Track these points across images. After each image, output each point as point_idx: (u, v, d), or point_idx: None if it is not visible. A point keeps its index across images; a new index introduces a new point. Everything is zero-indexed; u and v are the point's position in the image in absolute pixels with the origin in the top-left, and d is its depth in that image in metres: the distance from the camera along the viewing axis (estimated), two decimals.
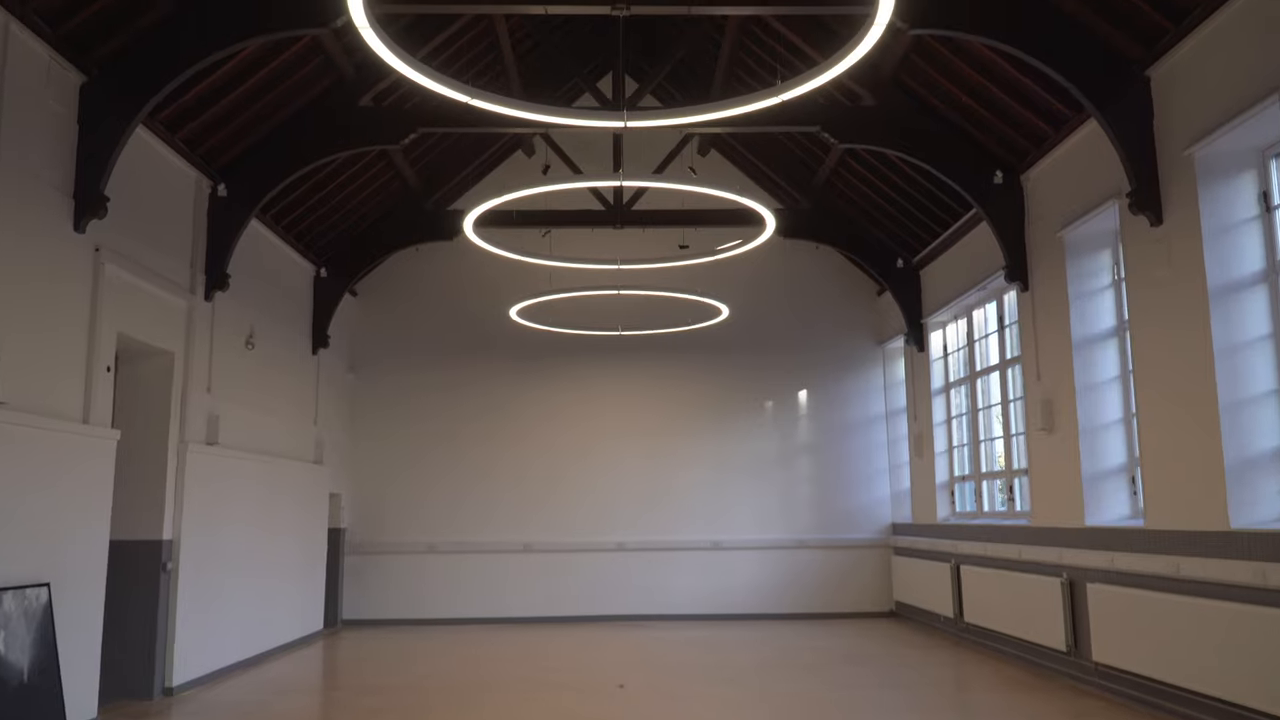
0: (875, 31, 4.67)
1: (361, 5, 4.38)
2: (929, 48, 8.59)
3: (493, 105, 5.71)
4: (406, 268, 13.74)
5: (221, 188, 8.93)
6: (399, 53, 4.92)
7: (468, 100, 5.52)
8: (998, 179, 9.17)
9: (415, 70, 5.08)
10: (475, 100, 5.56)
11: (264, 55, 8.14)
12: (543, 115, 5.99)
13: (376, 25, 4.63)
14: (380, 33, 4.67)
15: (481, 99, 5.59)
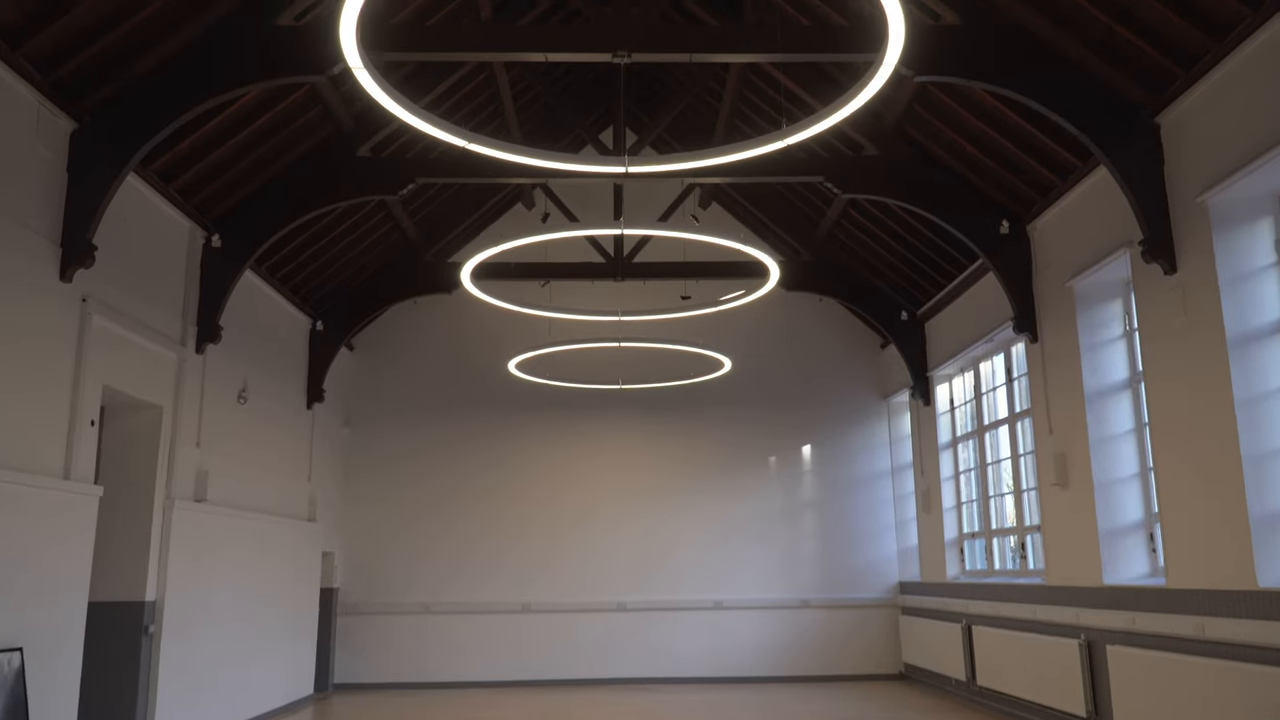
0: (883, 73, 4.54)
1: (354, 44, 4.24)
2: (932, 97, 8.51)
3: (490, 150, 5.57)
4: (405, 321, 13.58)
5: (215, 238, 8.80)
6: (394, 95, 4.79)
7: (464, 144, 5.38)
8: (1004, 229, 9.03)
9: (410, 113, 4.94)
10: (472, 144, 5.42)
11: (261, 105, 8.05)
12: (541, 161, 5.86)
13: (370, 66, 4.49)
14: (374, 74, 4.53)
15: (478, 143, 5.45)
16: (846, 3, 8.19)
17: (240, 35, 6.88)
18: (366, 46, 6.38)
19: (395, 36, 6.96)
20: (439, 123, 5.13)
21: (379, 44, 6.73)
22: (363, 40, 6.27)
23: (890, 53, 4.30)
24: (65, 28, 6.09)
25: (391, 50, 6.87)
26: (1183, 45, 6.28)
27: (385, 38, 6.88)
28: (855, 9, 8.10)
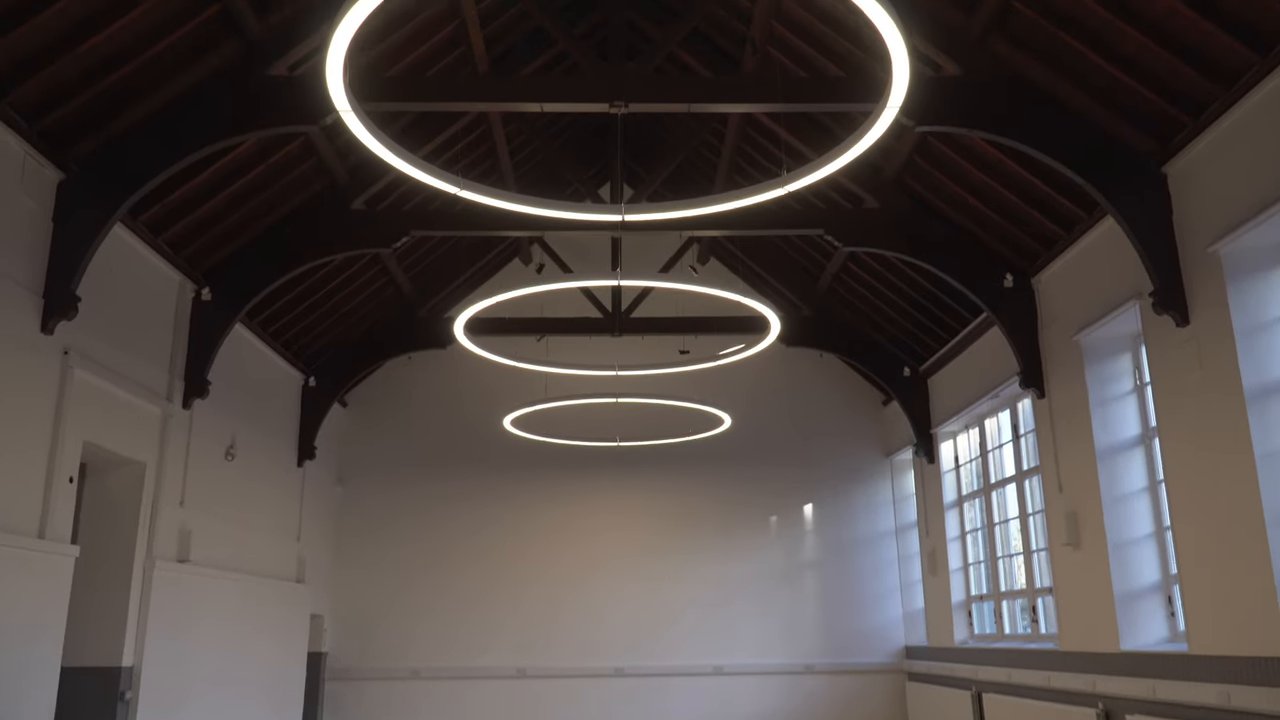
0: (889, 113, 4.41)
1: (341, 85, 4.11)
2: (933, 149, 8.42)
3: (481, 196, 5.42)
4: (399, 377, 13.37)
5: (206, 291, 8.64)
6: (383, 139, 4.65)
7: (455, 190, 5.24)
8: (1008, 282, 8.88)
9: (399, 158, 4.80)
10: (463, 190, 5.27)
11: (254, 157, 7.94)
12: (535, 209, 5.71)
13: (359, 110, 4.36)
14: (363, 117, 4.40)
15: (469, 189, 5.31)
16: (845, 56, 8.14)
17: (232, 86, 6.79)
18: (362, 97, 6.29)
19: (391, 87, 6.88)
20: (428, 168, 5.00)
21: (375, 94, 6.64)
22: (358, 90, 6.18)
23: (896, 91, 4.16)
24: (53, 76, 6.00)
25: (387, 100, 6.78)
26: (1189, 94, 6.17)
27: (382, 88, 6.79)
28: (854, 61, 8.05)
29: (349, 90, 4.22)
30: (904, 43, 3.82)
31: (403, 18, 7.79)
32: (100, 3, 5.82)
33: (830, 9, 7.83)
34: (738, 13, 8.81)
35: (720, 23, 9.18)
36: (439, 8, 8.01)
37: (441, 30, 8.32)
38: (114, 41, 6.08)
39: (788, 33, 8.38)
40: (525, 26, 9.34)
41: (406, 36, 8.07)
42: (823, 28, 8.04)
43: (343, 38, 3.72)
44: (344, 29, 3.68)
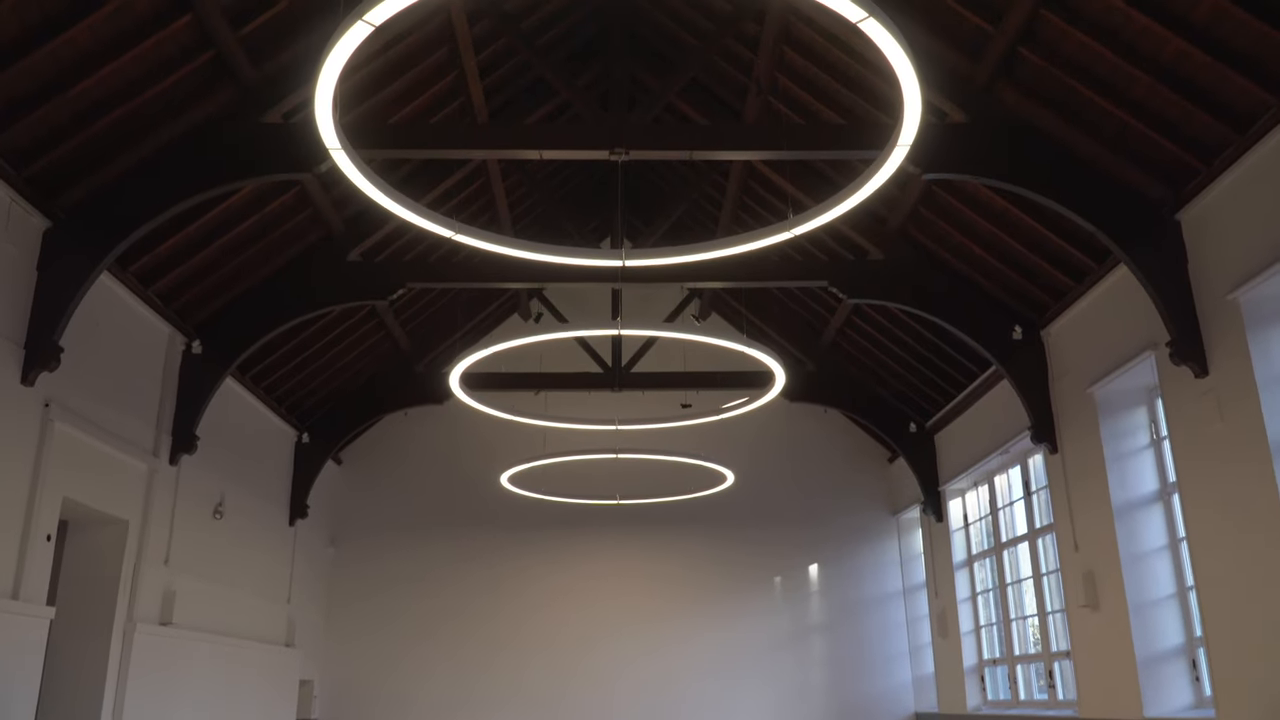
0: (899, 153, 4.24)
1: (331, 123, 3.95)
2: (938, 199, 8.29)
3: (475, 240, 5.25)
4: (395, 433, 13.11)
5: (196, 344, 8.44)
6: (374, 179, 4.49)
7: (449, 234, 5.06)
8: (1017, 334, 8.68)
9: (391, 199, 4.63)
10: (458, 234, 5.10)
11: (248, 206, 7.81)
12: (532, 254, 5.53)
13: (350, 150, 4.20)
14: (353, 156, 4.24)
15: (464, 233, 5.14)
16: (849, 106, 8.05)
17: (225, 133, 6.68)
18: (358, 144, 6.16)
19: (388, 134, 6.77)
20: (422, 210, 4.83)
21: (371, 141, 6.52)
22: (354, 137, 6.05)
23: (908, 124, 4.00)
24: (41, 122, 5.87)
25: (386, 146, 6.66)
26: (1202, 138, 6.04)
27: (378, 135, 6.68)
28: (858, 111, 7.95)
29: (339, 129, 4.06)
30: (915, 72, 3.66)
31: (401, 65, 7.71)
32: (91, 47, 5.71)
33: (833, 59, 7.76)
34: (738, 63, 8.75)
35: (721, 73, 9.12)
36: (438, 57, 7.93)
37: (441, 80, 8.25)
38: (105, 86, 5.97)
39: (790, 82, 8.31)
40: (526, 78, 9.28)
41: (405, 86, 7.99)
42: (825, 77, 7.96)
43: (331, 71, 3.57)
44: (332, 63, 3.53)
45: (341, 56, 3.49)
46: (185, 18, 5.96)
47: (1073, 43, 6.13)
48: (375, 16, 3.35)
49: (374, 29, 3.39)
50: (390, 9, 3.34)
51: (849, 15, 3.43)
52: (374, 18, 3.36)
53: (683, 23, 8.79)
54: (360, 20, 3.36)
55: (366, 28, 3.40)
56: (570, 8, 8.73)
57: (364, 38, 3.43)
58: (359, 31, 3.41)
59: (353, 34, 3.41)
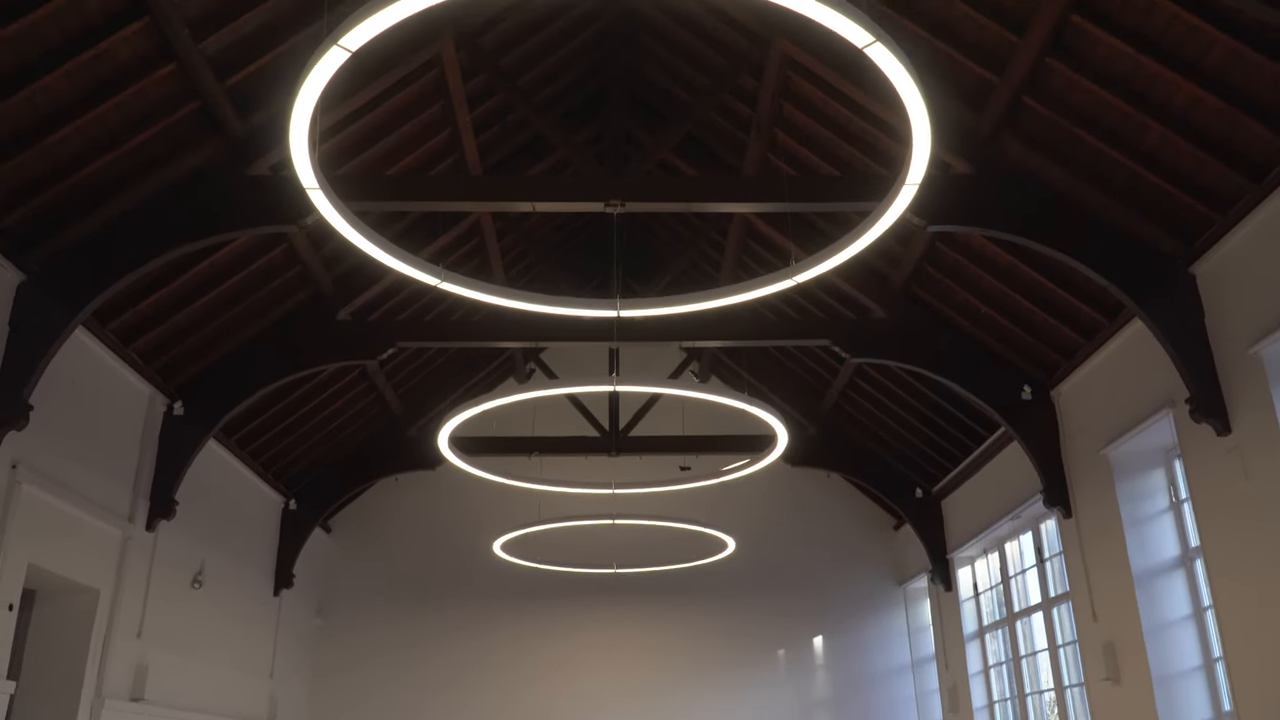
0: (908, 191, 4.03)
1: (307, 158, 3.73)
2: (942, 256, 8.10)
3: (464, 290, 5.01)
4: (385, 500, 12.74)
5: (178, 405, 8.15)
6: (353, 220, 4.26)
7: (437, 282, 4.83)
8: (1026, 394, 8.42)
9: (372, 242, 4.40)
10: (445, 283, 4.87)
11: (233, 264, 7.60)
12: (524, 303, 5.29)
13: (328, 187, 3.98)
14: (331, 195, 4.01)
15: (452, 281, 4.90)
16: (847, 161, 7.90)
17: (209, 185, 6.49)
18: (351, 196, 5.97)
19: (380, 185, 6.60)
20: (407, 257, 4.60)
21: (364, 193, 6.34)
22: (346, 189, 5.87)
23: (916, 163, 3.79)
24: (16, 172, 5.67)
25: (376, 198, 6.47)
26: (1216, 188, 5.85)
27: (371, 186, 6.51)
28: (857, 165, 7.80)
29: (317, 167, 3.84)
30: (925, 100, 3.47)
31: (394, 120, 7.58)
32: (70, 95, 5.54)
33: (831, 111, 7.64)
34: (735, 119, 8.64)
35: (717, 129, 9.00)
36: (431, 112, 7.80)
37: (435, 137, 8.12)
38: (83, 136, 5.79)
39: (788, 137, 8.18)
40: (521, 136, 9.14)
41: (399, 141, 7.86)
42: (825, 132, 7.83)
43: (307, 100, 3.36)
44: (308, 91, 3.33)
45: (318, 83, 3.29)
46: (169, 67, 5.81)
47: (1080, 91, 5.99)
48: (351, 41, 3.15)
49: (350, 54, 3.18)
50: (366, 34, 3.14)
51: (856, 40, 3.24)
52: (349, 43, 3.16)
53: (680, 79, 8.70)
54: (336, 45, 3.15)
55: (342, 53, 3.20)
56: (568, 64, 8.65)
57: (341, 63, 3.23)
58: (335, 57, 3.20)
59: (329, 59, 3.21)
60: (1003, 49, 6.12)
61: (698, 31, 8.04)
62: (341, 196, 4.61)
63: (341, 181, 6.18)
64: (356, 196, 6.26)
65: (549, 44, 8.26)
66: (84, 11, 5.23)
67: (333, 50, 3.18)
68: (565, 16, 8.08)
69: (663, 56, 8.71)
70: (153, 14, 5.44)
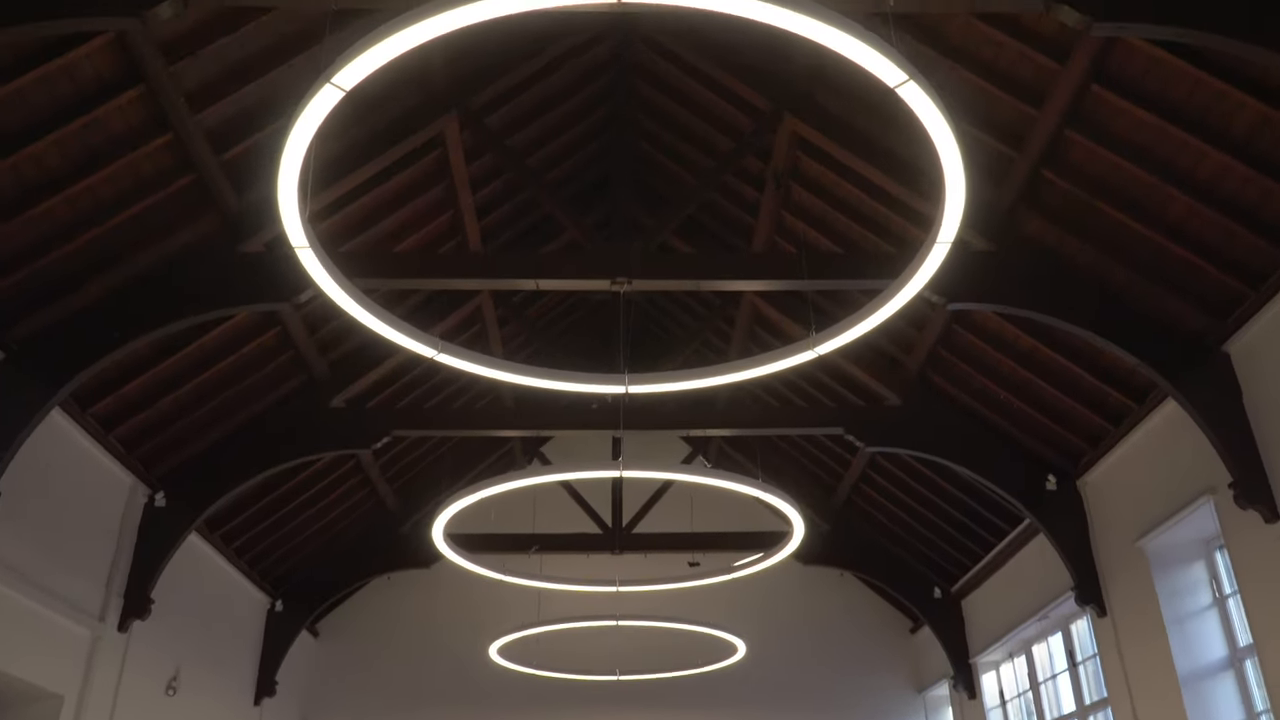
0: (940, 249, 3.76)
1: (295, 210, 3.48)
2: (959, 340, 7.82)
3: (462, 362, 4.70)
4: (377, 601, 12.15)
5: (160, 496, 7.76)
6: (341, 281, 3.98)
7: (433, 354, 4.53)
8: (1050, 485, 8.03)
9: (357, 304, 4.11)
10: (441, 355, 4.56)
11: (224, 347, 7.31)
12: (527, 378, 4.98)
13: (317, 245, 3.71)
14: (319, 251, 3.74)
15: (449, 353, 4.60)
16: (856, 240, 7.71)
17: (202, 261, 6.26)
18: (351, 272, 5.72)
19: (380, 261, 6.38)
20: (399, 324, 4.31)
21: (364, 269, 6.10)
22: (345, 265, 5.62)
23: (950, 213, 3.54)
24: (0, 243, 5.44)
25: (377, 275, 6.23)
26: (1248, 262, 5.61)
27: (371, 263, 6.29)
28: (866, 245, 7.59)
29: (307, 225, 3.59)
30: (958, 144, 3.23)
31: (394, 200, 7.41)
32: (58, 165, 5.35)
33: (843, 193, 7.47)
34: (741, 201, 8.47)
35: (720, 211, 8.83)
36: (434, 194, 7.64)
37: (437, 219, 7.94)
38: (72, 208, 5.58)
39: (795, 219, 8.00)
40: (526, 219, 8.95)
41: (399, 224, 7.67)
42: (835, 213, 7.65)
43: (298, 144, 3.12)
44: (299, 134, 3.08)
45: (310, 125, 3.05)
46: (164, 138, 5.64)
47: (1101, 163, 5.81)
48: (344, 80, 2.92)
49: (345, 94, 2.95)
50: (360, 71, 2.91)
51: (888, 79, 3.01)
52: (343, 81, 2.93)
53: (684, 162, 8.57)
54: (329, 83, 2.92)
55: (336, 93, 2.96)
56: (573, 147, 8.53)
57: (335, 103, 2.99)
58: (329, 96, 2.97)
59: (321, 98, 2.97)
60: (1020, 122, 5.96)
61: (703, 114, 7.94)
62: (340, 272, 4.34)
63: (337, 258, 5.94)
64: (351, 274, 6.01)
65: (553, 127, 8.15)
66: (76, 78, 5.07)
67: (325, 88, 2.94)
68: (571, 100, 8.00)
69: (667, 140, 8.60)
70: (148, 83, 5.29)
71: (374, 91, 6.48)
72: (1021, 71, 5.73)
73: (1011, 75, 5.80)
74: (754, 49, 6.89)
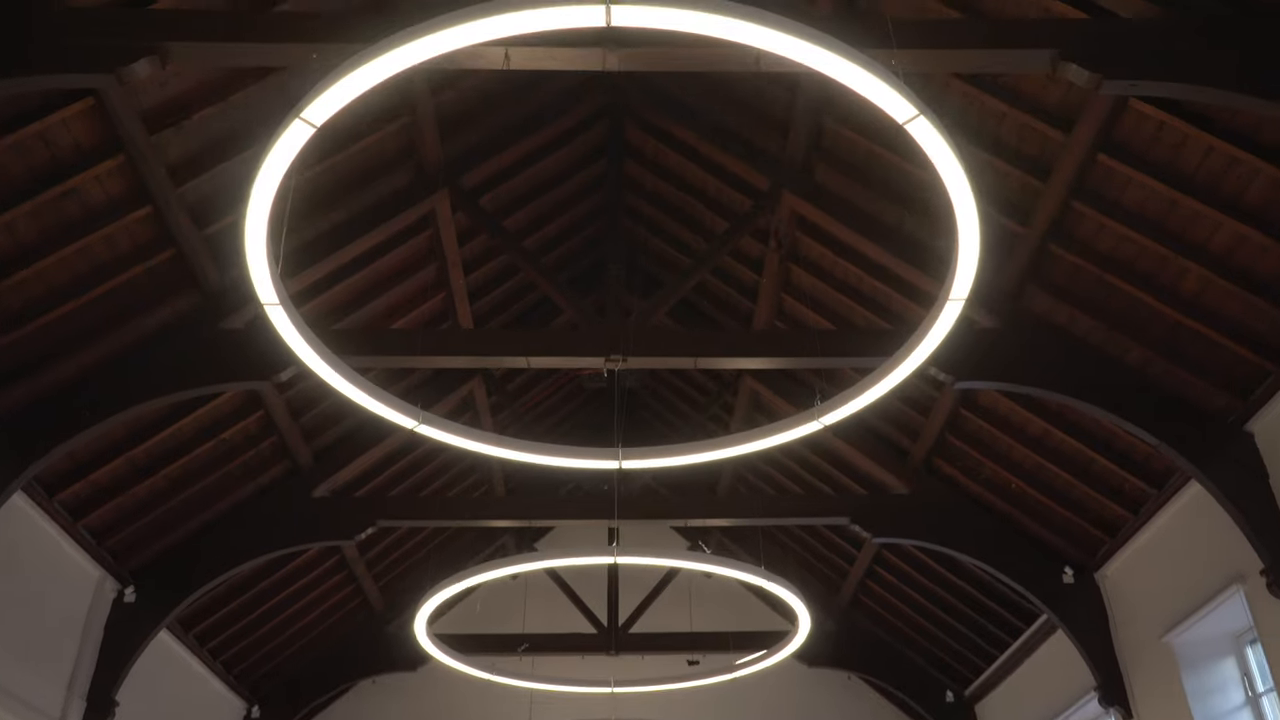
0: (953, 309, 3.53)
1: (266, 271, 3.25)
2: (966, 425, 7.56)
3: (446, 435, 4.41)
4: (362, 706, 11.46)
5: (129, 592, 7.35)
6: (312, 340, 3.73)
7: (414, 426, 4.25)
8: (1067, 577, 7.64)
9: (328, 366, 3.84)
10: (422, 426, 4.29)
11: (200, 434, 7.04)
12: (514, 453, 4.68)
13: (289, 305, 3.47)
14: (291, 312, 3.50)
15: (432, 424, 4.32)
16: (858, 322, 7.51)
17: (180, 338, 6.03)
18: (339, 350, 5.49)
19: (366, 340, 6.15)
20: (377, 391, 4.04)
21: (352, 347, 5.87)
22: (333, 343, 5.39)
23: (965, 266, 3.32)
24: None
25: (363, 353, 5.98)
26: (1269, 337, 5.39)
27: (357, 341, 6.06)
28: (860, 324, 7.39)
29: (278, 280, 3.36)
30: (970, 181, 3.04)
31: (385, 282, 7.24)
32: (29, 236, 5.16)
33: (840, 274, 7.31)
34: (740, 286, 8.30)
35: (715, 294, 8.64)
36: (425, 274, 7.47)
37: (428, 301, 7.75)
38: (44, 281, 5.38)
39: (792, 300, 7.82)
40: (521, 302, 8.74)
41: (387, 305, 7.48)
42: (836, 294, 7.47)
43: (268, 183, 2.91)
44: (270, 171, 2.88)
45: (279, 166, 2.84)
46: (144, 210, 5.47)
47: (1110, 236, 5.64)
48: (313, 115, 2.73)
49: (315, 129, 2.76)
50: (331, 106, 2.72)
51: (896, 115, 2.83)
52: (313, 116, 2.73)
53: (683, 247, 8.43)
54: (298, 118, 2.73)
55: (307, 128, 2.77)
56: (570, 230, 8.41)
57: (306, 139, 2.80)
58: (300, 131, 2.77)
59: (292, 133, 2.78)
60: (1025, 195, 5.82)
61: (699, 195, 7.83)
62: (320, 353, 4.09)
63: (330, 336, 5.72)
64: (345, 350, 5.75)
65: (547, 212, 8.03)
66: (52, 145, 4.92)
67: (295, 123, 2.75)
68: (565, 184, 7.91)
69: (664, 224, 8.46)
70: (129, 152, 5.15)
71: (365, 166, 6.38)
72: (1025, 143, 5.61)
73: (1015, 147, 5.69)
74: (750, 124, 6.82)
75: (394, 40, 2.63)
